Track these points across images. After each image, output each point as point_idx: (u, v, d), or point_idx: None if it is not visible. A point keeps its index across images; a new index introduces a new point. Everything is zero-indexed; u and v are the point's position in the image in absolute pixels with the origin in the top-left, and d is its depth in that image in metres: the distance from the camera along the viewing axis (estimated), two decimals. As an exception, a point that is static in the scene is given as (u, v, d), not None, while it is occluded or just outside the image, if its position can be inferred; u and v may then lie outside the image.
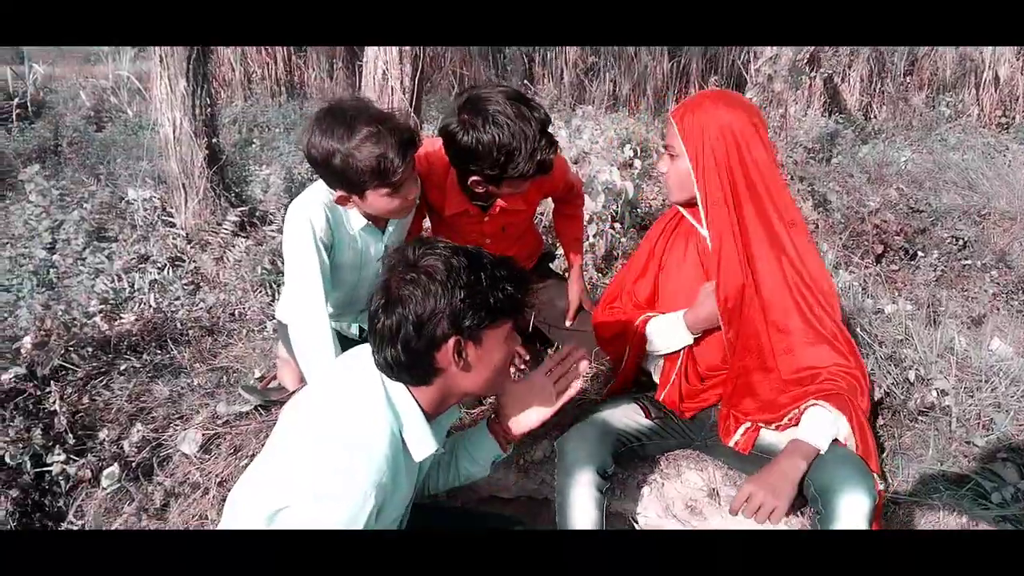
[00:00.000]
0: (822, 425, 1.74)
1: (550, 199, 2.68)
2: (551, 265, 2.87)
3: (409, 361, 1.35)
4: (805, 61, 6.79)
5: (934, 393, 2.28)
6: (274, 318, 2.76)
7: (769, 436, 1.92)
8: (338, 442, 1.34)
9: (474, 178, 2.07)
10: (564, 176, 2.47)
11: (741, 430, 1.95)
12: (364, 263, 2.18)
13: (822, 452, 1.71)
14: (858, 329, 2.56)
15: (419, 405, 1.42)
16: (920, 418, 2.28)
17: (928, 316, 2.98)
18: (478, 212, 2.32)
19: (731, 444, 1.96)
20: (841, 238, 3.82)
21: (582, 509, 1.86)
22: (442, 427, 1.60)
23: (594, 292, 3.27)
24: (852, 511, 1.56)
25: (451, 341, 1.33)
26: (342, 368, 1.52)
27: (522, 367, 2.44)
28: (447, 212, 2.28)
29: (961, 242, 4.05)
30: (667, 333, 2.02)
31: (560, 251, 3.06)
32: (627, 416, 2.07)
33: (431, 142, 2.21)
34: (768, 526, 1.68)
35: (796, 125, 6.37)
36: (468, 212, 2.30)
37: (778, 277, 1.86)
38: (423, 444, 1.43)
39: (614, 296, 2.21)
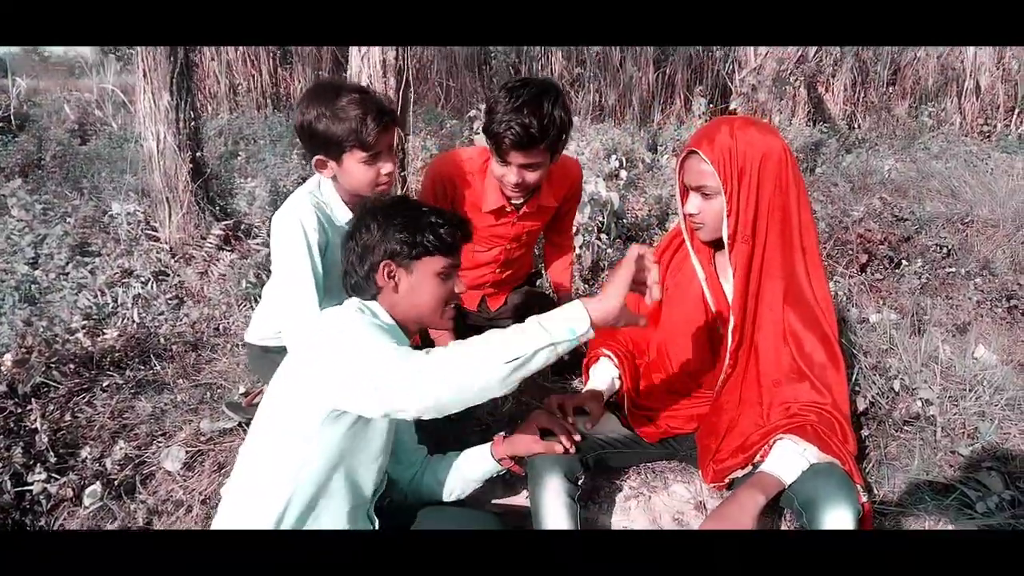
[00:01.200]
0: (790, 458, 1.71)
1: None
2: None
3: (357, 282, 1.68)
4: (789, 71, 6.85)
5: (919, 403, 2.29)
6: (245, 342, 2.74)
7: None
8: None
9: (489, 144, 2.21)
10: (580, 176, 2.58)
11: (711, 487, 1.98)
12: None
13: (787, 485, 1.69)
14: (843, 339, 2.56)
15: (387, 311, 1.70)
16: (905, 428, 2.29)
17: (913, 325, 2.99)
18: (512, 211, 2.41)
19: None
20: (825, 247, 3.84)
21: (554, 517, 1.84)
22: None
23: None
24: (836, 525, 1.56)
25: (382, 265, 1.64)
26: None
27: None
28: (485, 207, 2.36)
29: (945, 250, 4.07)
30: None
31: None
32: (601, 424, 2.06)
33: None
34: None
35: (780, 135, 6.41)
36: (504, 209, 2.38)
37: (777, 318, 1.84)
38: (396, 334, 1.66)
39: None
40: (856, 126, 7.80)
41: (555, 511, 1.85)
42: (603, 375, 2.14)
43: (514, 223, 2.44)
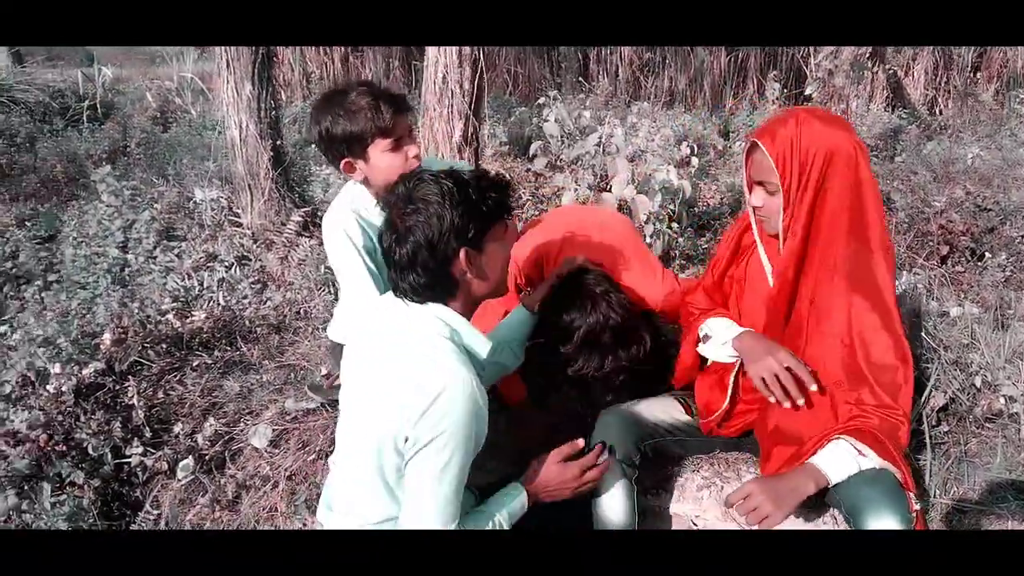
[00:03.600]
0: (842, 459, 1.66)
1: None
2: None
3: (430, 281, 1.52)
4: (867, 55, 6.65)
5: (1002, 400, 2.24)
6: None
7: None
8: (423, 365, 1.50)
9: None
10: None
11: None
12: None
13: (831, 484, 1.65)
14: (922, 333, 2.52)
15: (459, 314, 1.59)
16: (987, 425, 2.24)
17: (996, 319, 2.90)
18: None
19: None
20: (906, 238, 3.75)
21: (609, 497, 1.89)
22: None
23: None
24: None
25: (461, 253, 1.51)
26: (382, 318, 1.64)
27: None
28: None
29: (1031, 242, 3.93)
30: (719, 338, 1.99)
31: None
32: (662, 410, 2.07)
33: None
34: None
35: (858, 121, 6.24)
36: None
37: (842, 318, 1.79)
38: (481, 342, 1.61)
39: (706, 277, 2.17)
40: (937, 112, 7.54)
41: (612, 495, 1.89)
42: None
43: None
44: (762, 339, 1.85)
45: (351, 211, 2.10)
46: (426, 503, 1.50)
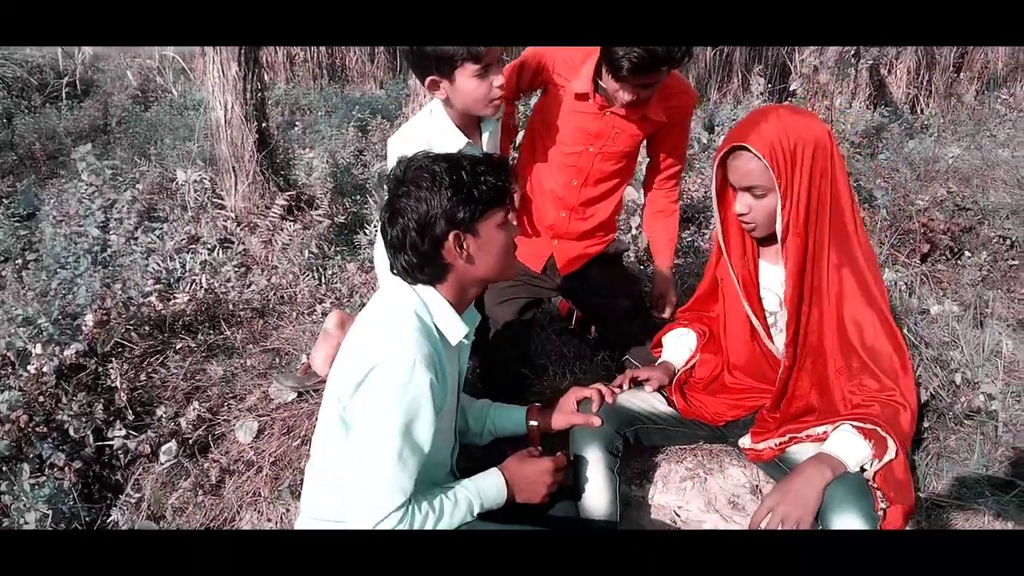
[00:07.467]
0: (853, 446, 1.67)
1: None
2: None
3: (420, 262, 1.55)
4: (852, 52, 6.69)
5: (981, 397, 2.27)
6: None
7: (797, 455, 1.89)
8: (374, 338, 1.54)
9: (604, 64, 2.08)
10: (692, 97, 2.41)
11: (765, 445, 1.97)
12: None
13: (849, 470, 1.65)
14: (904, 330, 2.55)
15: (444, 298, 1.61)
16: (966, 421, 2.27)
17: (974, 318, 2.95)
18: (602, 102, 2.24)
19: (745, 446, 2.01)
20: (888, 236, 3.78)
21: (595, 489, 1.90)
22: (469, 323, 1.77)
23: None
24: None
25: (451, 236, 1.52)
26: (383, 290, 1.72)
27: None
28: (577, 88, 2.23)
29: (1008, 242, 3.98)
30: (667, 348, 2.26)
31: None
32: (643, 400, 2.10)
33: None
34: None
35: (841, 118, 6.28)
36: (590, 97, 2.23)
37: (836, 308, 1.82)
38: (455, 328, 1.62)
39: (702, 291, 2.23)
40: (920, 110, 7.61)
41: (595, 483, 1.91)
42: (681, 346, 2.22)
43: (604, 115, 2.25)
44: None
45: (424, 141, 2.01)
46: (368, 474, 1.48)
